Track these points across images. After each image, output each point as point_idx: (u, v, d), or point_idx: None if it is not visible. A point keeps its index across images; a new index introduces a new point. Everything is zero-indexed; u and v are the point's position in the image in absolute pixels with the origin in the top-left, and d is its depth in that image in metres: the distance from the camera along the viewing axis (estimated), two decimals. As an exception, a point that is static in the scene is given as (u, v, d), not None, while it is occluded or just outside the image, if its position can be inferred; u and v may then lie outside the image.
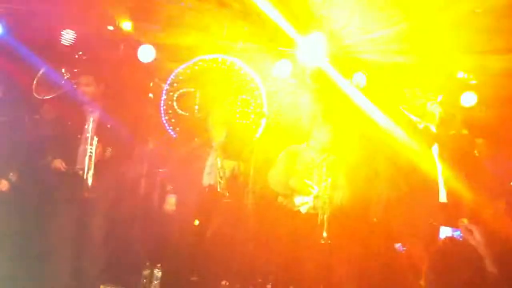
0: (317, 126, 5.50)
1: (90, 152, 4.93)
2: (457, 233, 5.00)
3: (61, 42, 5.24)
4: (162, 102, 6.18)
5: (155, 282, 5.56)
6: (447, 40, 5.86)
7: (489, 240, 4.98)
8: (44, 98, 5.36)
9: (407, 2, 5.40)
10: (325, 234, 5.11)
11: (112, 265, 5.09)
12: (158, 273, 5.59)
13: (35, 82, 5.34)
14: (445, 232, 5.85)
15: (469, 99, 6.48)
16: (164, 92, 6.21)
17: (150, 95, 5.58)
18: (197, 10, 5.93)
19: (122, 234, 5.33)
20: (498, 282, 4.74)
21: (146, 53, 5.82)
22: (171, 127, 6.09)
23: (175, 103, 6.26)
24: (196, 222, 5.22)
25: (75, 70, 5.24)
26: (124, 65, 5.54)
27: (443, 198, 5.25)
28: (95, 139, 4.95)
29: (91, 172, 4.88)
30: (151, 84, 5.72)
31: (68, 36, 5.27)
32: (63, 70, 5.24)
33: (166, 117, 6.12)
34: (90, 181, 4.88)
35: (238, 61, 6.44)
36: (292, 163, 5.51)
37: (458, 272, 4.11)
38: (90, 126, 5.04)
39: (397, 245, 5.31)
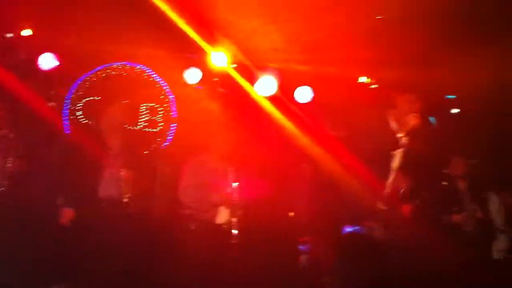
0: (221, 134, 5.55)
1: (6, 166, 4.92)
2: (357, 229, 5.24)
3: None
4: (66, 111, 6.01)
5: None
6: (350, 50, 6.09)
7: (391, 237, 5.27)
8: None
9: (311, 15, 5.54)
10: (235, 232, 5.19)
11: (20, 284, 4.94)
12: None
13: None
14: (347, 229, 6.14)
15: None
16: (68, 100, 6.03)
17: (52, 104, 5.37)
18: (103, 15, 5.80)
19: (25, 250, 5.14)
20: (399, 274, 5.01)
21: (47, 61, 5.64)
22: (72, 136, 5.92)
23: (79, 112, 6.11)
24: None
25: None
26: (23, 73, 5.33)
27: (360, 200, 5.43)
28: None
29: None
30: (53, 93, 5.51)
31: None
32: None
33: (69, 126, 5.94)
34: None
35: (146, 69, 6.36)
36: (201, 176, 5.52)
37: (362, 264, 4.30)
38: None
39: (302, 246, 5.46)
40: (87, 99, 6.18)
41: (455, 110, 7.54)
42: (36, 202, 5.18)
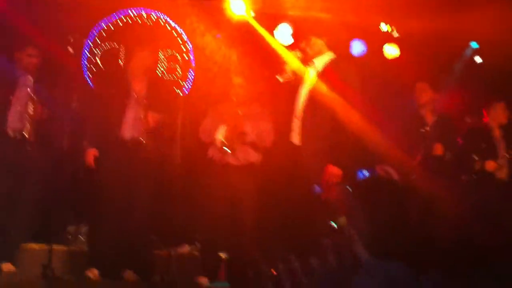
0: (239, 80, 5.55)
1: (29, 112, 4.99)
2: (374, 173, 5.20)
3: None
4: (85, 58, 6.09)
5: (81, 237, 5.59)
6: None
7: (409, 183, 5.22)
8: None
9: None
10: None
11: (36, 221, 5.09)
12: (83, 228, 5.61)
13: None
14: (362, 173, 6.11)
15: (391, 51, 6.71)
16: (86, 48, 6.11)
17: (70, 50, 5.43)
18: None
19: (49, 192, 5.30)
20: (418, 219, 5.00)
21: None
22: (92, 81, 6.02)
23: (98, 60, 6.18)
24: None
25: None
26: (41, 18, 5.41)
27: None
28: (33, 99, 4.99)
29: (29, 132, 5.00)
30: (71, 40, 5.57)
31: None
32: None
33: (89, 74, 6.03)
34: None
35: (163, 16, 6.37)
36: (220, 119, 5.55)
37: (381, 208, 4.31)
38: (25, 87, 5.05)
39: (316, 188, 5.41)
40: (106, 46, 6.27)
41: (479, 59, 7.36)
42: (60, 148, 5.29)
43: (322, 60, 4.75)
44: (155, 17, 6.35)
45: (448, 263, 4.44)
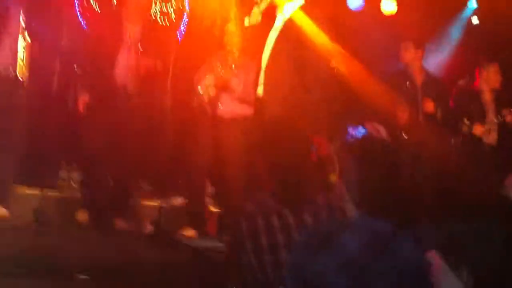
0: (234, 28, 5.47)
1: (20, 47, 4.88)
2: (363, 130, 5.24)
3: None
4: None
5: (73, 183, 5.60)
6: None
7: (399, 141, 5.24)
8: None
9: None
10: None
11: (28, 166, 5.07)
12: (75, 173, 5.62)
13: None
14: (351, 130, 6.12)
15: (388, 7, 6.66)
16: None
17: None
18: None
19: (38, 134, 5.27)
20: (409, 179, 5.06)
21: None
22: (85, 23, 5.90)
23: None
24: None
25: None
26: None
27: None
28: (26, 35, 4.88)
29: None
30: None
31: None
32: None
33: (82, 15, 5.90)
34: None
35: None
36: (209, 69, 5.49)
37: (371, 163, 4.35)
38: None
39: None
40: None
41: (475, 21, 7.31)
42: (51, 88, 5.23)
43: (292, 5, 4.60)
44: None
45: (433, 220, 4.55)
